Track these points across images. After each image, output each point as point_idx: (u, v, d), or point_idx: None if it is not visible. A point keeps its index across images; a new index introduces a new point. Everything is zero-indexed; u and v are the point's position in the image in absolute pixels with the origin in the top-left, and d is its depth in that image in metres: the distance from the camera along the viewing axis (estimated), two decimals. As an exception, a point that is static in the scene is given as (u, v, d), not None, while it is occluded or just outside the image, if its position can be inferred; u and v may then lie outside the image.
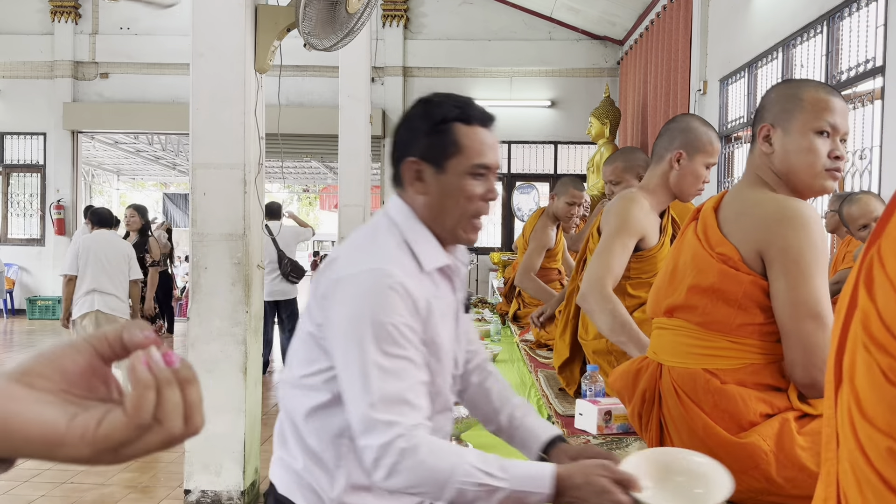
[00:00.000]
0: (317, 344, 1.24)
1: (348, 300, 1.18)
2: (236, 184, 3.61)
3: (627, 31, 9.36)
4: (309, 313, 1.27)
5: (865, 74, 4.09)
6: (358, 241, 1.28)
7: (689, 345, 1.51)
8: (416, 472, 1.10)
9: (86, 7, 10.51)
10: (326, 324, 1.21)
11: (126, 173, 18.34)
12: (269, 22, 3.73)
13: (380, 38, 9.89)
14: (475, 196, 1.25)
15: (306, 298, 1.35)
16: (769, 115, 1.51)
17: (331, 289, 1.21)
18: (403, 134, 1.31)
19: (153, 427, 0.48)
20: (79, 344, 0.52)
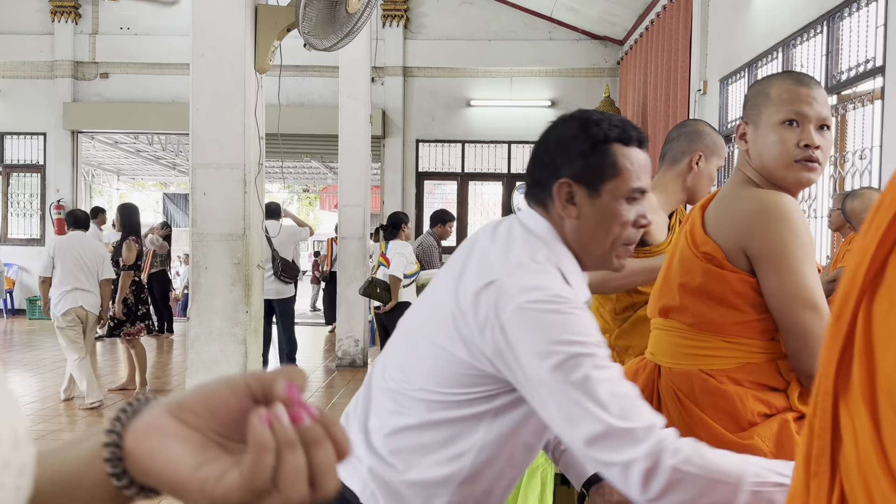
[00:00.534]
0: (464, 369, 1.12)
1: (536, 328, 1.06)
2: (236, 184, 3.61)
3: (627, 31, 9.36)
4: (444, 331, 1.13)
5: (865, 74, 4.09)
6: (516, 258, 1.13)
7: (684, 345, 1.51)
8: (698, 478, 0.98)
9: (86, 7, 10.51)
10: (503, 353, 1.07)
11: (126, 173, 18.35)
12: (269, 22, 3.73)
13: (380, 38, 9.89)
14: (629, 222, 1.17)
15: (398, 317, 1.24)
16: (744, 113, 1.52)
17: (504, 317, 1.07)
18: (554, 151, 1.20)
19: (271, 492, 0.46)
20: (235, 383, 0.50)
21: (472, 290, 1.11)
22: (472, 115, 10.44)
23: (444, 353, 1.13)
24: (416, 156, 10.54)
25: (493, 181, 10.74)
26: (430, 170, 10.66)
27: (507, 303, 1.07)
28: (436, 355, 1.14)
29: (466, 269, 1.16)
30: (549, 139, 1.23)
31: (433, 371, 1.14)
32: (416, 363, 1.17)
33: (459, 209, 10.58)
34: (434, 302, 1.20)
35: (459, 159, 10.62)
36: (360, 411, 1.24)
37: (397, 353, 1.22)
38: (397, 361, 1.21)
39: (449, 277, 1.19)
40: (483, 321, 1.08)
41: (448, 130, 10.46)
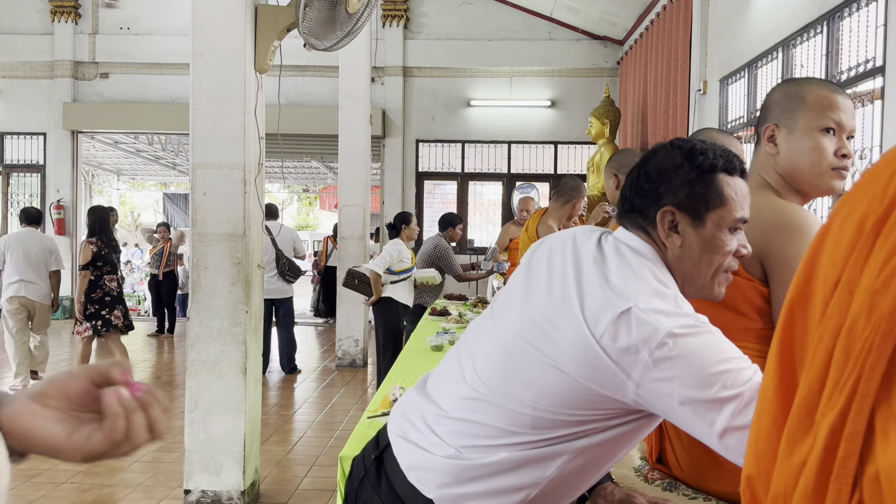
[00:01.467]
0: (590, 395, 1.09)
1: (695, 355, 1.03)
2: (236, 184, 3.61)
3: (627, 31, 9.36)
4: (568, 355, 1.09)
5: (865, 74, 4.09)
6: (646, 282, 1.11)
7: None
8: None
9: (86, 7, 10.51)
10: (649, 381, 1.04)
11: (126, 173, 18.35)
12: (269, 22, 3.73)
13: (380, 38, 9.89)
14: (731, 251, 1.17)
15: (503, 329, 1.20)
16: (773, 115, 1.49)
17: (653, 344, 1.03)
18: (657, 180, 1.18)
19: (125, 442, 0.70)
20: (79, 373, 0.72)
21: (608, 319, 1.06)
22: (472, 115, 10.45)
23: (567, 377, 1.09)
24: (416, 156, 10.54)
25: (493, 181, 10.74)
26: (430, 170, 10.66)
27: (655, 331, 1.03)
28: (556, 378, 1.10)
29: (585, 290, 1.11)
30: (651, 167, 1.21)
31: (548, 391, 1.11)
32: (524, 379, 1.13)
33: (459, 209, 10.58)
34: (541, 316, 1.14)
35: (459, 159, 10.62)
36: (428, 416, 1.21)
37: (490, 365, 1.17)
38: (490, 374, 1.17)
39: (558, 293, 1.14)
40: (624, 349, 1.04)
41: (448, 130, 10.46)
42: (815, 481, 0.60)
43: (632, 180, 1.23)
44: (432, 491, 1.17)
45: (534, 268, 1.24)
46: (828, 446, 0.59)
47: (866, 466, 0.56)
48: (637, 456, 1.66)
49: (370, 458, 1.30)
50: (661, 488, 1.48)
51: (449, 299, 6.20)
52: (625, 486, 1.50)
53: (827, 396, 0.61)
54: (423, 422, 1.22)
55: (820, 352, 0.63)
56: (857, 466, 0.57)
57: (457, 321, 4.68)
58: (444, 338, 3.79)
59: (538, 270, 1.22)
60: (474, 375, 1.18)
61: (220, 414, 3.60)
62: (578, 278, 1.13)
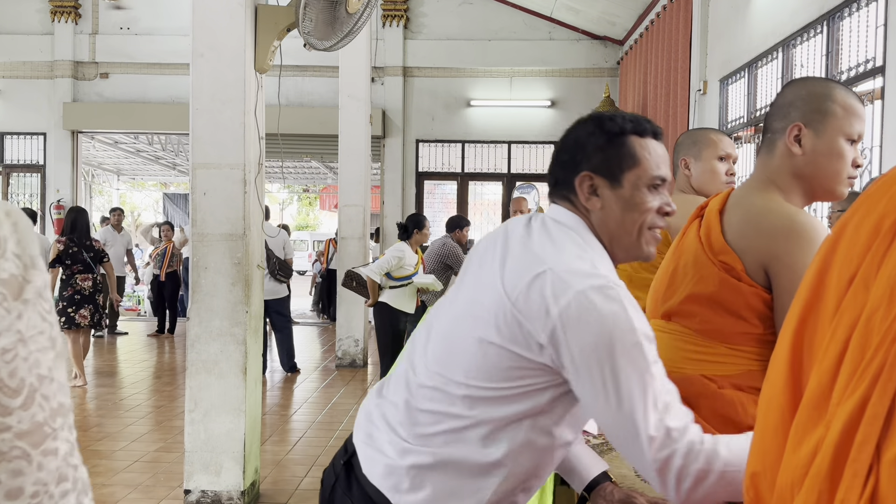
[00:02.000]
0: (514, 362, 1.13)
1: (597, 315, 1.07)
2: (236, 184, 3.61)
3: (627, 31, 9.36)
4: (492, 325, 1.14)
5: (865, 74, 4.09)
6: (562, 246, 1.17)
7: (687, 350, 1.50)
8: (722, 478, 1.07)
9: (86, 7, 10.51)
10: (558, 339, 1.09)
11: (126, 173, 18.35)
12: (269, 22, 3.73)
13: (380, 38, 9.89)
14: (653, 209, 1.21)
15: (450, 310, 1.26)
16: (798, 114, 1.44)
17: (562, 302, 1.08)
18: (573, 149, 1.25)
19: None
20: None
21: (524, 282, 1.12)
22: (472, 115, 10.44)
23: (492, 346, 1.14)
24: (416, 156, 10.54)
25: (493, 181, 10.74)
26: (430, 170, 10.66)
27: (566, 289, 1.09)
28: (483, 351, 1.15)
29: (507, 264, 1.18)
30: (568, 140, 1.27)
31: (480, 366, 1.15)
32: (459, 360, 1.18)
33: (459, 209, 10.58)
34: (471, 300, 1.22)
35: (459, 159, 10.62)
36: (389, 416, 1.25)
37: (433, 353, 1.23)
38: (434, 361, 1.22)
39: (486, 274, 1.21)
40: (537, 309, 1.10)
41: (448, 130, 10.46)
42: (829, 466, 0.61)
43: (553, 156, 1.30)
44: (394, 497, 1.20)
45: (470, 261, 1.32)
46: (845, 431, 0.60)
47: (883, 451, 0.58)
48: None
49: (339, 464, 1.31)
50: (661, 488, 1.48)
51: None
52: (625, 485, 1.50)
53: (842, 386, 0.62)
54: (383, 421, 1.26)
55: (834, 344, 0.65)
56: (875, 453, 0.58)
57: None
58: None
59: (472, 263, 1.30)
60: (423, 368, 1.24)
61: (220, 414, 3.59)
62: (504, 258, 1.20)
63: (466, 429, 1.17)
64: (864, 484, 0.58)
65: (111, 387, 6.22)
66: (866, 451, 0.59)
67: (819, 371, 0.66)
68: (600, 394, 1.09)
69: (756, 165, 1.53)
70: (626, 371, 1.07)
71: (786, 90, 1.50)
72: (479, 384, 1.16)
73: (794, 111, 1.44)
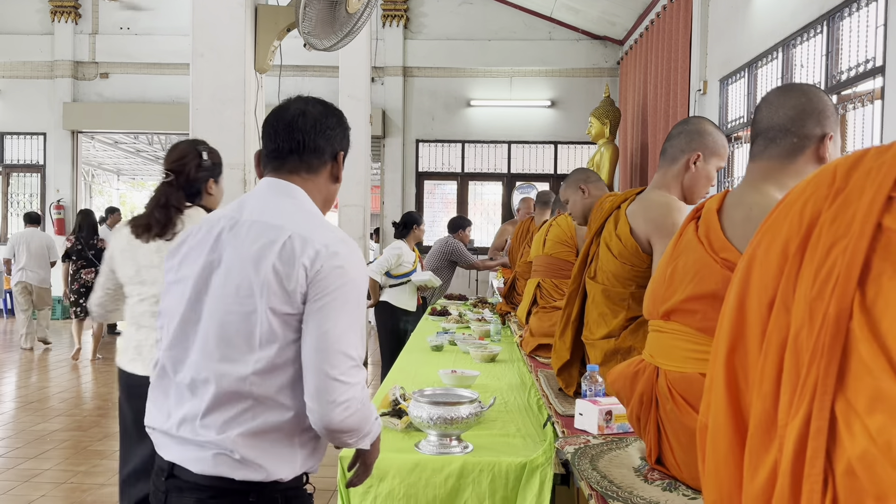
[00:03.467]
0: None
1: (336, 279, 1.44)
2: (236, 184, 3.61)
3: (627, 31, 9.36)
4: (278, 298, 1.37)
5: (865, 74, 4.09)
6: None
7: (687, 349, 1.50)
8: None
9: (86, 7, 10.51)
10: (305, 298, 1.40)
11: (126, 173, 18.36)
12: (269, 22, 3.73)
13: (380, 38, 9.89)
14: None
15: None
16: (827, 124, 1.49)
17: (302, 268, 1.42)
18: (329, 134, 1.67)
19: None
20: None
21: (276, 246, 1.48)
22: (472, 115, 10.44)
23: (256, 313, 1.39)
24: (416, 156, 10.54)
25: (493, 181, 10.74)
26: (430, 170, 10.66)
27: (306, 249, 1.47)
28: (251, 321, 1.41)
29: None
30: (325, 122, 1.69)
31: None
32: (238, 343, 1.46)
33: (459, 209, 10.58)
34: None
35: (459, 159, 10.62)
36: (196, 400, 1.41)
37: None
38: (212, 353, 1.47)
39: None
40: (287, 268, 1.43)
41: (448, 130, 10.46)
42: (790, 487, 0.63)
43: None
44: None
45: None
46: (797, 449, 0.63)
47: (836, 464, 0.60)
48: (637, 456, 1.66)
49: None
50: (661, 488, 1.48)
51: (449, 299, 6.20)
52: (624, 485, 1.50)
53: (785, 407, 0.65)
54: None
55: (768, 368, 0.68)
56: (826, 465, 0.61)
57: (457, 321, 4.67)
58: (443, 338, 3.79)
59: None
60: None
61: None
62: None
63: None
64: (823, 497, 0.60)
65: (111, 386, 6.22)
66: (818, 465, 0.61)
67: (760, 396, 0.69)
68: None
69: (761, 167, 1.52)
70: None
71: (818, 96, 1.51)
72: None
73: (827, 120, 1.49)
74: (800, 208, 0.71)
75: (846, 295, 0.62)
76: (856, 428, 0.59)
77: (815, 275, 0.65)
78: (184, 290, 1.43)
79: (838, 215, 0.66)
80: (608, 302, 2.17)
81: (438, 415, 1.98)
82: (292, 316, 1.35)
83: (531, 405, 2.55)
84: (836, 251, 0.64)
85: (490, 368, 3.19)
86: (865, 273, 0.62)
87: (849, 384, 0.60)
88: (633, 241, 2.10)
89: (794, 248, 0.70)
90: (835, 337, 0.62)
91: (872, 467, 0.57)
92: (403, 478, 1.93)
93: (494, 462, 1.95)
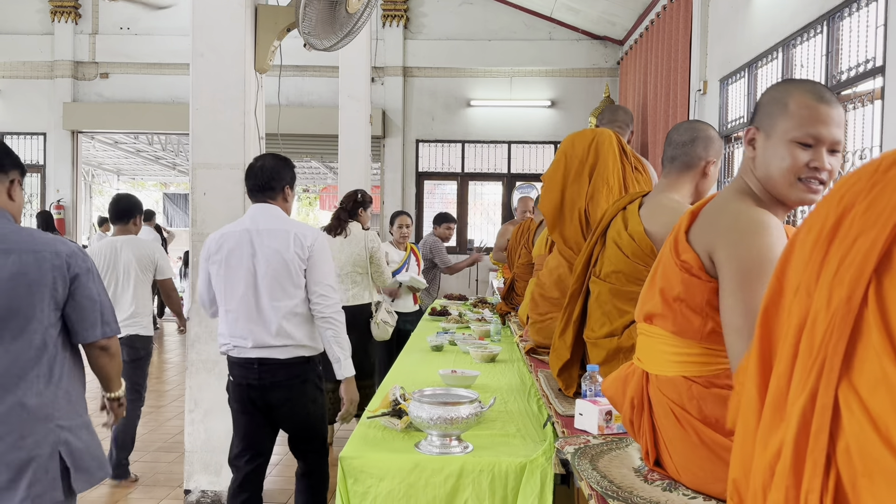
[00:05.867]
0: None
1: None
2: (236, 184, 3.61)
3: (627, 31, 9.36)
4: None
5: (865, 74, 4.09)
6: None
7: (667, 352, 1.50)
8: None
9: (86, 7, 10.51)
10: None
11: (126, 173, 18.36)
12: (269, 22, 3.73)
13: (380, 38, 9.89)
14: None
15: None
16: (756, 118, 1.47)
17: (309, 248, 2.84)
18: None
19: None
20: None
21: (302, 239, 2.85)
22: (472, 115, 10.44)
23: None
24: (416, 156, 10.54)
25: (493, 181, 10.74)
26: (430, 170, 10.66)
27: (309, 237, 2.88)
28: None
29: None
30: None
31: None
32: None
33: (459, 209, 10.58)
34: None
35: (459, 159, 10.62)
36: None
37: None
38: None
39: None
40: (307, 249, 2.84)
41: (448, 130, 10.46)
42: (792, 461, 0.64)
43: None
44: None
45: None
46: (801, 425, 0.64)
47: (837, 442, 0.62)
48: (637, 456, 1.66)
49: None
50: (661, 488, 1.48)
51: (449, 299, 6.20)
52: (624, 485, 1.50)
53: (796, 384, 0.67)
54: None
55: (786, 349, 0.70)
56: (829, 444, 0.62)
57: (457, 321, 4.68)
58: (443, 338, 3.79)
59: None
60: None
61: (220, 414, 3.59)
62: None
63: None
64: (826, 473, 0.62)
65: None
66: (821, 441, 0.63)
67: (776, 374, 0.71)
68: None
69: (738, 172, 1.55)
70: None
71: (761, 94, 1.51)
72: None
73: (755, 116, 1.48)
74: (838, 198, 0.72)
75: (860, 281, 0.63)
76: (855, 408, 0.60)
77: (839, 263, 0.67)
78: (239, 272, 2.70)
79: (871, 206, 0.67)
80: (616, 300, 2.17)
81: (438, 415, 1.98)
82: (304, 270, 2.73)
83: (531, 405, 2.55)
84: (861, 241, 0.66)
85: (490, 368, 3.19)
86: (886, 263, 0.63)
87: (855, 366, 0.62)
88: (649, 241, 2.10)
89: (824, 235, 0.71)
90: (845, 318, 0.63)
91: (865, 446, 0.59)
92: (403, 478, 1.93)
93: (494, 462, 1.95)
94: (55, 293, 1.96)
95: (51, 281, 1.95)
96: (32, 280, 1.92)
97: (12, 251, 1.92)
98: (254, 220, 2.72)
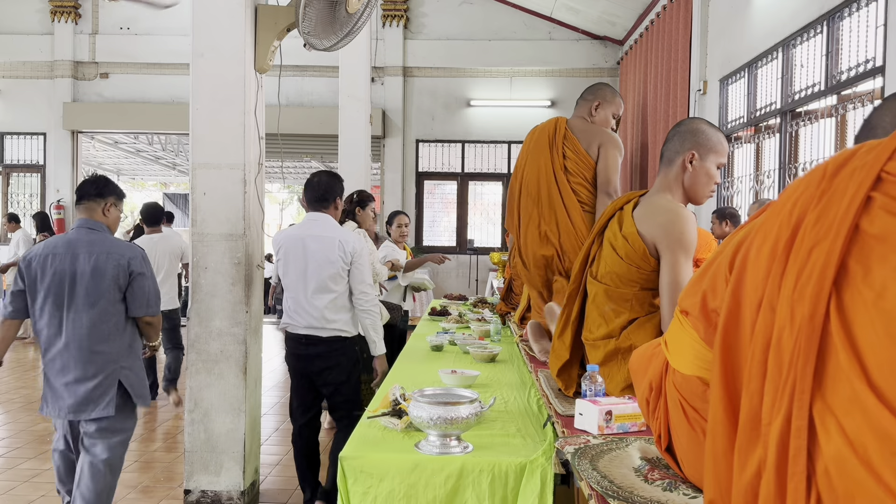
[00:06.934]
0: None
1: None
2: (236, 184, 3.61)
3: (627, 31, 9.36)
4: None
5: (865, 74, 4.09)
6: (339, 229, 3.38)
7: (692, 352, 1.48)
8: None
9: (86, 7, 10.51)
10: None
11: (126, 173, 18.36)
12: (269, 22, 3.73)
13: (380, 38, 9.89)
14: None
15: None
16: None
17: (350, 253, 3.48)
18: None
19: None
20: None
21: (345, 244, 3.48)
22: (472, 115, 10.44)
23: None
24: (416, 156, 10.54)
25: (493, 181, 10.74)
26: (430, 170, 10.67)
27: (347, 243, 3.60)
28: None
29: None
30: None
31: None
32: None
33: (459, 209, 10.59)
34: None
35: (459, 159, 10.62)
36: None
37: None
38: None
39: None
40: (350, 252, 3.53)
41: (448, 130, 10.46)
42: (775, 484, 0.64)
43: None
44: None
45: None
46: (780, 448, 0.64)
47: (816, 463, 0.61)
48: (637, 456, 1.66)
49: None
50: (662, 488, 1.48)
51: (449, 299, 6.20)
52: (624, 485, 1.50)
53: (769, 405, 0.66)
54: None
55: (755, 367, 0.70)
56: (808, 464, 0.62)
57: (457, 321, 4.68)
58: (443, 338, 3.79)
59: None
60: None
61: (220, 414, 3.60)
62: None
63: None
64: (808, 494, 0.61)
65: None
66: (800, 463, 0.62)
67: (748, 393, 0.70)
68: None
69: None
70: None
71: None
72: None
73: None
74: (790, 208, 0.71)
75: (821, 297, 0.63)
76: (832, 429, 0.60)
77: (797, 276, 0.66)
78: (293, 269, 3.40)
79: (821, 216, 0.66)
80: (611, 302, 2.16)
81: (438, 415, 1.98)
82: (347, 271, 3.39)
83: (531, 405, 2.55)
84: (816, 253, 0.65)
85: (490, 368, 3.19)
86: (842, 276, 0.62)
87: (827, 385, 0.61)
88: (642, 242, 2.09)
89: (780, 248, 0.70)
90: (810, 338, 0.63)
91: (844, 467, 0.58)
92: (403, 478, 1.93)
93: (494, 462, 1.95)
94: (118, 282, 2.92)
95: (116, 274, 2.91)
96: (104, 273, 2.89)
97: (94, 252, 2.91)
98: (308, 227, 3.42)
